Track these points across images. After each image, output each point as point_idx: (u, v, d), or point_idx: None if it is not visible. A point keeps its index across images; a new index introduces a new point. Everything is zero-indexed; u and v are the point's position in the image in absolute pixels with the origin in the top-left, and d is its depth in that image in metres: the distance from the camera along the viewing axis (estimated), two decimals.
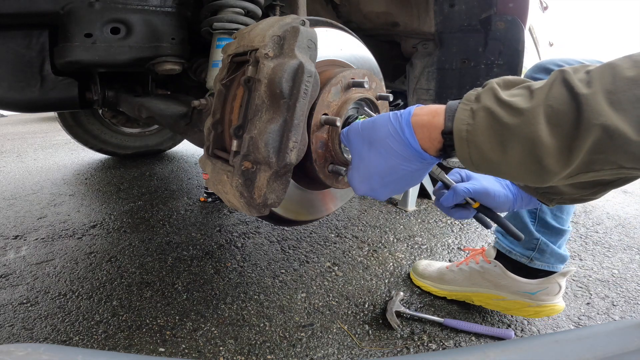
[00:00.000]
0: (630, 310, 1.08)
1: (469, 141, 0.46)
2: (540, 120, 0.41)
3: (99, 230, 1.48)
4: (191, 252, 1.32)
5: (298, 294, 1.10)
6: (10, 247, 1.34)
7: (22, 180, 2.13)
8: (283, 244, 1.40)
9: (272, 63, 0.56)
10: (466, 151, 0.47)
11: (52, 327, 0.95)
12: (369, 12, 1.39)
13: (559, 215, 0.95)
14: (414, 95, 1.39)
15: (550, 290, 0.95)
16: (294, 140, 0.56)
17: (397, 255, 1.35)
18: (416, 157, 0.52)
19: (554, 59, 0.93)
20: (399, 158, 0.53)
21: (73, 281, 1.14)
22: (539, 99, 0.42)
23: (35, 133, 3.74)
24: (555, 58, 0.94)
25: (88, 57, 0.87)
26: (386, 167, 0.54)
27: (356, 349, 0.90)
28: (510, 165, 0.45)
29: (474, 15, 1.15)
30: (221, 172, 0.61)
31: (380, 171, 0.55)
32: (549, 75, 0.99)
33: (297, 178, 0.71)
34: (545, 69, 0.93)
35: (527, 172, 0.44)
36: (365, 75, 0.68)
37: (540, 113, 0.41)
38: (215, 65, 0.89)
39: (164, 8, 0.95)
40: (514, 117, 0.43)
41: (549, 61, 0.94)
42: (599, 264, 1.33)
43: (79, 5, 0.85)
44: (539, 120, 0.41)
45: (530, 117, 0.42)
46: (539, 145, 0.41)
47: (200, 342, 0.91)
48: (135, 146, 2.56)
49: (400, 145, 0.52)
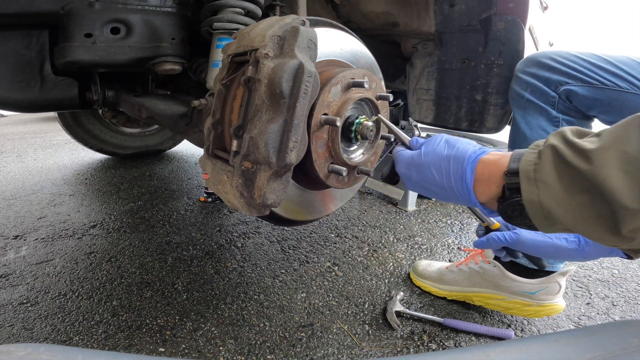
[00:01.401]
0: (630, 310, 1.08)
1: (537, 180, 0.42)
2: (611, 164, 0.37)
3: (99, 230, 1.48)
4: (191, 252, 1.32)
5: (298, 294, 1.10)
6: (10, 247, 1.34)
7: (22, 180, 2.13)
8: (283, 244, 1.40)
9: (272, 63, 0.56)
10: (534, 192, 0.43)
11: (52, 327, 0.95)
12: (369, 12, 1.39)
13: None
14: (414, 95, 1.39)
15: (550, 290, 0.95)
16: (294, 140, 0.56)
17: (397, 255, 1.35)
18: (465, 199, 0.53)
19: (546, 52, 0.92)
20: (451, 194, 0.55)
21: (73, 281, 1.14)
22: (609, 143, 0.39)
23: (35, 133, 3.74)
24: (547, 51, 0.93)
25: (88, 57, 0.87)
26: (437, 192, 0.57)
27: (356, 349, 0.90)
28: (583, 210, 0.40)
29: (474, 15, 1.15)
30: (221, 172, 0.61)
31: (432, 190, 0.58)
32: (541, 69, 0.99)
33: (297, 178, 0.71)
34: (537, 62, 0.92)
35: (600, 217, 0.40)
36: (365, 75, 0.68)
37: (613, 157, 0.37)
38: (215, 65, 0.89)
39: (164, 8, 0.95)
40: (581, 159, 0.39)
41: (541, 54, 0.93)
42: (599, 264, 1.33)
43: (79, 5, 0.85)
44: (611, 164, 0.37)
45: (599, 161, 0.38)
46: (610, 189, 0.37)
47: (200, 342, 0.91)
48: (135, 146, 2.56)
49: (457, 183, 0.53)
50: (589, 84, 0.83)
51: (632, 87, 0.79)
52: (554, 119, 0.89)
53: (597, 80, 0.82)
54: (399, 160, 0.63)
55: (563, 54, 0.89)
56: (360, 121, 0.68)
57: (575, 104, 0.86)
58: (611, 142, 0.38)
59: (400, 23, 1.35)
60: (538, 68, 0.91)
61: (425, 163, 0.58)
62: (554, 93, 0.88)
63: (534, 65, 0.92)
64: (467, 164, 0.52)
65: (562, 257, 0.67)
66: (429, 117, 1.38)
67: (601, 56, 0.84)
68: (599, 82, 0.82)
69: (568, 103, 0.87)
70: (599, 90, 0.82)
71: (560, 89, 0.86)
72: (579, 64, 0.85)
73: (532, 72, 0.92)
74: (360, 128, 0.68)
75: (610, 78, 0.81)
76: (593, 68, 0.83)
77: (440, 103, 1.33)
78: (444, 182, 0.55)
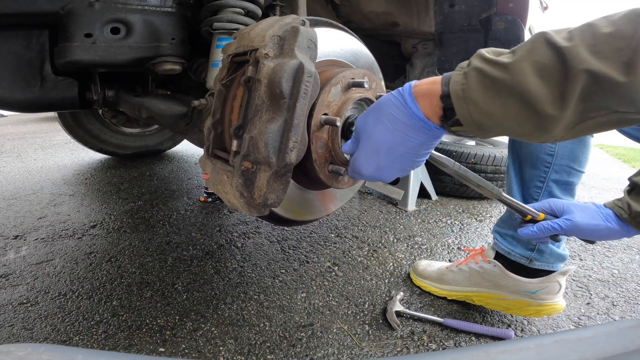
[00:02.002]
0: (630, 310, 1.08)
1: (465, 98, 0.48)
2: (527, 72, 0.44)
3: (99, 230, 1.48)
4: (191, 252, 1.32)
5: (298, 294, 1.10)
6: (10, 247, 1.34)
7: (22, 180, 2.13)
8: (283, 244, 1.40)
9: (272, 63, 0.56)
10: (465, 109, 0.48)
11: (52, 327, 0.95)
12: (369, 12, 1.39)
13: None
14: None
15: (550, 289, 0.95)
16: (294, 140, 0.56)
17: (397, 255, 1.35)
18: (421, 125, 0.53)
19: None
20: (404, 128, 0.53)
21: (73, 281, 1.14)
22: (522, 55, 0.45)
23: (35, 133, 3.74)
24: None
25: (88, 57, 0.87)
26: (392, 139, 0.55)
27: (356, 349, 0.90)
28: (509, 118, 0.46)
29: (474, 15, 1.15)
30: (221, 172, 0.61)
31: (386, 144, 0.55)
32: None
33: (297, 178, 0.71)
34: None
35: (527, 122, 0.46)
36: (365, 75, 0.68)
37: (527, 67, 0.44)
38: (215, 65, 0.89)
39: (164, 8, 0.95)
40: (502, 72, 0.45)
41: None
42: (599, 264, 1.33)
43: (79, 5, 0.85)
44: (527, 72, 0.44)
45: (517, 70, 0.44)
46: (531, 95, 0.43)
47: (200, 342, 0.91)
48: (135, 146, 2.56)
49: (405, 114, 0.53)
50: None
51: None
52: None
53: None
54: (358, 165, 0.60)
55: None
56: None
57: None
58: (524, 54, 0.45)
59: (400, 23, 1.36)
60: None
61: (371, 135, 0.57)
62: None
63: None
64: (404, 92, 0.54)
65: (612, 237, 0.72)
66: None
67: None
68: None
69: None
70: None
71: None
72: None
73: None
74: None
75: None
76: None
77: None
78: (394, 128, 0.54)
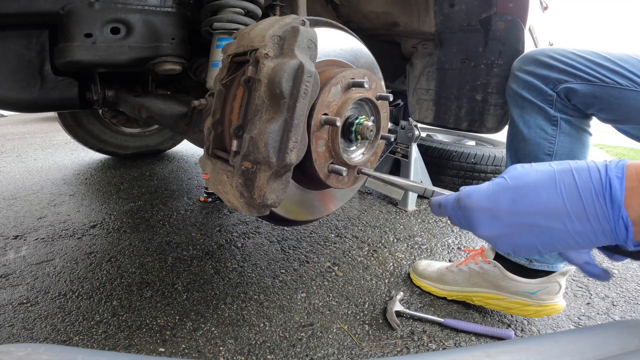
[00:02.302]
0: (630, 310, 1.08)
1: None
2: None
3: (99, 230, 1.48)
4: (191, 252, 1.32)
5: (298, 294, 1.10)
6: (10, 247, 1.34)
7: (22, 180, 2.13)
8: (283, 244, 1.40)
9: (272, 63, 0.56)
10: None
11: (52, 327, 0.95)
12: (369, 12, 1.39)
13: None
14: (414, 95, 1.39)
15: (550, 290, 0.95)
16: (294, 140, 0.56)
17: (397, 255, 1.35)
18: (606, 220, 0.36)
19: (544, 50, 0.91)
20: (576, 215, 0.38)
21: (73, 281, 1.14)
22: None
23: (35, 133, 3.74)
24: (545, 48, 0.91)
25: (88, 57, 0.87)
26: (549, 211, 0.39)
27: (356, 349, 0.90)
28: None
29: (474, 15, 1.15)
30: (221, 172, 0.61)
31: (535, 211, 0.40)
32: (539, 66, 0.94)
33: (297, 178, 0.71)
34: (535, 59, 0.90)
35: None
36: (365, 75, 0.68)
37: None
38: (215, 65, 0.89)
39: (164, 8, 0.95)
40: None
41: (538, 52, 0.91)
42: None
43: (79, 5, 0.85)
44: None
45: None
46: None
47: (200, 342, 0.91)
48: (135, 146, 2.56)
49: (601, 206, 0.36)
50: (589, 81, 0.82)
51: (632, 84, 0.78)
52: (552, 118, 0.88)
53: (596, 78, 0.81)
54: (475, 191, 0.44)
55: (561, 51, 0.87)
56: (360, 121, 0.68)
57: (574, 102, 0.85)
58: None
59: (400, 23, 1.36)
60: (536, 66, 0.89)
61: (525, 184, 0.40)
62: (552, 92, 0.87)
63: (531, 63, 0.91)
64: (609, 170, 0.36)
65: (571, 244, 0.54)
66: (429, 117, 1.38)
67: (600, 53, 0.83)
68: (598, 80, 0.80)
69: (567, 102, 0.86)
70: (598, 88, 0.81)
71: (559, 87, 0.85)
72: (577, 62, 0.83)
73: (529, 70, 0.91)
74: (360, 128, 0.68)
75: (610, 75, 0.79)
76: (592, 65, 0.82)
77: (440, 103, 1.33)
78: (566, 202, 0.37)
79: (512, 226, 0.41)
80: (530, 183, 0.40)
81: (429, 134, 2.55)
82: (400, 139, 1.90)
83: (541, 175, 0.40)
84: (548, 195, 0.38)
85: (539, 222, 0.39)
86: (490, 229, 0.43)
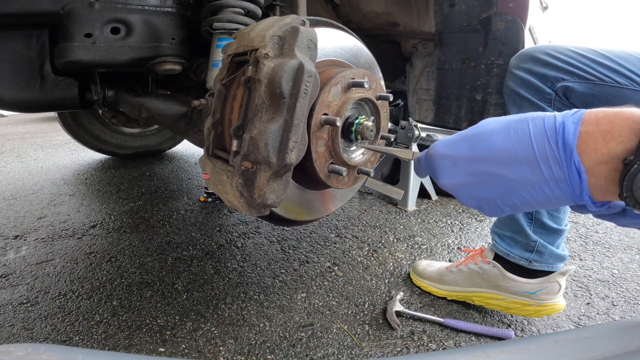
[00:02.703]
0: (630, 310, 1.08)
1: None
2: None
3: (99, 230, 1.48)
4: (191, 252, 1.32)
5: (298, 294, 1.10)
6: (10, 247, 1.34)
7: (22, 180, 2.13)
8: (283, 244, 1.40)
9: (272, 63, 0.56)
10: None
11: (52, 327, 0.95)
12: (369, 12, 1.39)
13: (555, 215, 0.94)
14: (414, 95, 1.39)
15: (550, 290, 0.95)
16: (294, 140, 0.56)
17: (397, 255, 1.35)
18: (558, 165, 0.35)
19: (542, 47, 0.89)
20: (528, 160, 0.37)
21: (73, 281, 1.14)
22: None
23: (35, 133, 3.74)
24: (542, 46, 0.90)
25: (88, 57, 0.87)
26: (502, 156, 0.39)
27: (356, 349, 0.90)
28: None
29: (474, 15, 1.15)
30: (221, 172, 0.61)
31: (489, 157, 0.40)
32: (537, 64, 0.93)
33: (297, 178, 0.71)
34: (532, 57, 0.89)
35: None
36: (365, 75, 0.68)
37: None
38: (215, 65, 0.89)
39: (164, 8, 0.95)
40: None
41: (536, 49, 0.90)
42: (599, 264, 1.33)
43: (79, 5, 0.85)
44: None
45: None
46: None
47: (200, 342, 0.91)
48: (135, 146, 2.56)
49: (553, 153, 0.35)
50: (587, 80, 0.81)
51: (631, 83, 0.77)
52: None
53: (595, 77, 0.80)
54: (439, 142, 0.47)
55: (559, 48, 0.86)
56: (360, 121, 0.68)
57: (573, 101, 0.84)
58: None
59: (400, 23, 1.36)
60: (533, 64, 0.88)
61: (482, 132, 0.41)
62: (550, 90, 0.85)
63: (529, 60, 0.89)
64: (565, 116, 0.35)
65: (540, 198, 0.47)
66: (429, 117, 1.38)
67: (599, 51, 0.81)
68: (597, 78, 0.79)
69: (565, 100, 0.85)
70: (597, 87, 0.80)
71: (557, 85, 0.84)
72: (576, 60, 0.82)
73: (527, 67, 0.89)
74: (360, 128, 0.68)
75: (608, 74, 0.78)
76: (591, 64, 0.80)
77: (440, 103, 1.33)
78: (517, 149, 0.37)
79: (471, 174, 0.42)
80: (487, 131, 0.40)
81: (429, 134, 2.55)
82: (400, 139, 1.90)
83: (499, 123, 0.40)
84: (502, 141, 0.38)
85: (494, 170, 0.39)
86: (451, 177, 0.44)
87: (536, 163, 0.36)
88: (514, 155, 0.37)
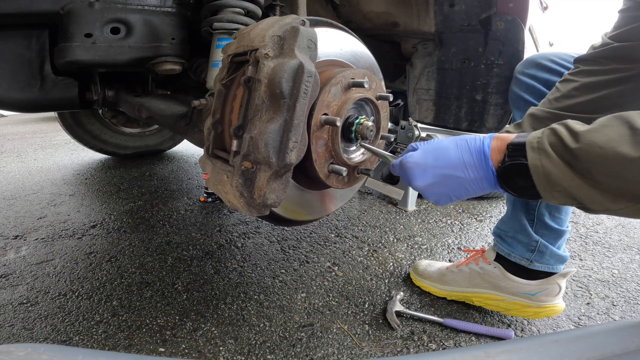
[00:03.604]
0: (630, 310, 1.08)
1: (539, 149, 0.51)
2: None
3: (99, 230, 1.48)
4: (191, 252, 1.32)
5: (298, 294, 1.10)
6: (10, 247, 1.34)
7: (22, 180, 2.13)
8: (283, 244, 1.40)
9: (272, 63, 0.56)
10: (537, 158, 0.51)
11: (52, 327, 0.95)
12: (369, 12, 1.39)
13: (557, 215, 0.94)
14: (414, 95, 1.39)
15: (550, 291, 0.95)
16: (294, 140, 0.56)
17: (397, 255, 1.35)
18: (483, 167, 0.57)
19: (546, 54, 0.92)
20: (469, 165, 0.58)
21: (73, 281, 1.14)
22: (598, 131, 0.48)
23: (35, 133, 3.74)
24: (546, 52, 0.93)
25: (88, 57, 0.87)
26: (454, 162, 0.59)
27: (356, 349, 0.90)
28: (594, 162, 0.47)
29: (474, 15, 1.15)
30: (221, 172, 0.61)
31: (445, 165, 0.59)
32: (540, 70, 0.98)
33: (297, 178, 0.71)
34: (536, 63, 0.92)
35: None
36: (365, 75, 0.68)
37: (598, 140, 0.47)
38: (215, 65, 0.89)
39: (164, 8, 0.95)
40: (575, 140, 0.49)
41: (540, 56, 0.93)
42: (599, 264, 1.33)
43: (79, 5, 0.85)
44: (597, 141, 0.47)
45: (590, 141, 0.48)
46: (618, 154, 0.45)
47: (200, 342, 0.91)
48: (135, 146, 2.56)
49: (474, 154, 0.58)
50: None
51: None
52: None
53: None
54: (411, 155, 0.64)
55: (562, 55, 0.89)
56: (360, 121, 0.68)
57: None
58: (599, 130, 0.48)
59: (400, 23, 1.36)
60: (537, 70, 0.91)
61: (441, 147, 0.60)
62: None
63: (533, 66, 0.92)
64: (485, 138, 0.58)
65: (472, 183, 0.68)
66: (429, 117, 1.38)
67: None
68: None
69: None
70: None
71: None
72: None
73: (531, 73, 0.93)
74: (360, 128, 0.68)
75: None
76: None
77: (440, 103, 1.33)
78: (463, 157, 0.58)
79: (435, 177, 0.60)
80: (444, 146, 0.61)
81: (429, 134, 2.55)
82: (400, 139, 1.90)
83: (449, 141, 0.61)
84: (455, 153, 0.59)
85: (450, 173, 0.59)
86: (422, 180, 0.61)
87: (474, 167, 0.58)
88: (463, 163, 0.58)
